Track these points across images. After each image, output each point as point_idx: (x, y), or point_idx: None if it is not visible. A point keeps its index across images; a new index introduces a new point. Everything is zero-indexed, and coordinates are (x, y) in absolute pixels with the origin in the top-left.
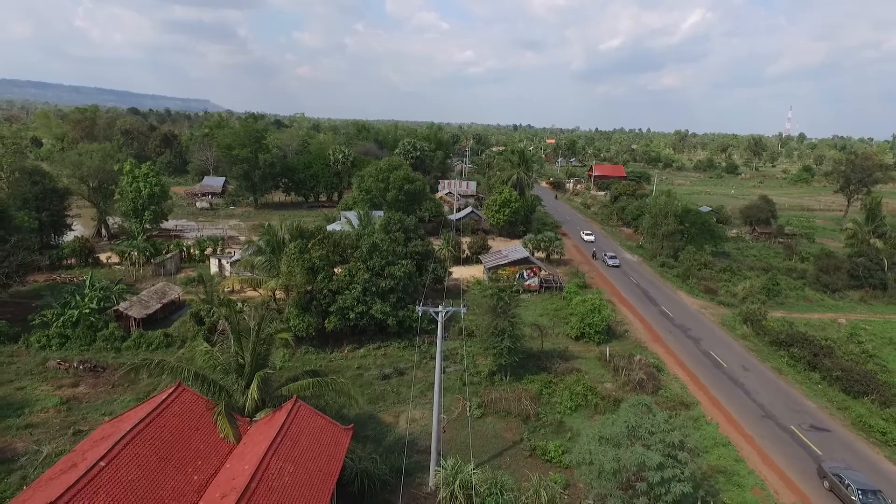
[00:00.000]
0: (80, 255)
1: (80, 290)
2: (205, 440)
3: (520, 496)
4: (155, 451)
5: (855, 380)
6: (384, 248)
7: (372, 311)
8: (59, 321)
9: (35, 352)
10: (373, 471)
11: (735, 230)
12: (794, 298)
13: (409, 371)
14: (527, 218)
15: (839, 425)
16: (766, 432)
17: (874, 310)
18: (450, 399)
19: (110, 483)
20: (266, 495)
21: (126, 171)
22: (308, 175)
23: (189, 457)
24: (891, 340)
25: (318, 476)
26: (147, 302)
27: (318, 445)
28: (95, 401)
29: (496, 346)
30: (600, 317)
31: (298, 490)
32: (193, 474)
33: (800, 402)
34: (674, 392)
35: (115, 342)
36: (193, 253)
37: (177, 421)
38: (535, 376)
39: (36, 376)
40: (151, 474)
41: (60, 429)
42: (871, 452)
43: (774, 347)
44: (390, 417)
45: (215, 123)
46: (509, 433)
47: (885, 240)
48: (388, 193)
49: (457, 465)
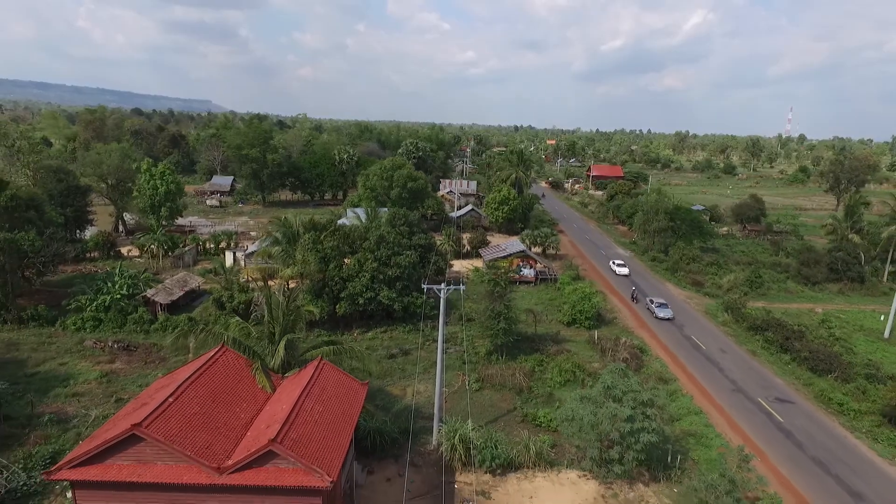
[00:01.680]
0: (102, 249)
1: (111, 278)
2: (246, 389)
3: (511, 449)
4: (208, 394)
5: (820, 359)
6: (390, 239)
7: (379, 298)
8: (92, 306)
9: (71, 333)
10: (384, 429)
11: (726, 228)
12: (776, 290)
13: (414, 351)
14: (525, 215)
15: (802, 398)
16: (735, 403)
17: (850, 301)
18: (450, 375)
19: (178, 414)
20: (302, 426)
21: (144, 170)
22: (314, 174)
23: (235, 400)
24: (861, 327)
25: (341, 416)
26: (171, 289)
27: (340, 393)
28: (131, 374)
29: (493, 327)
30: (590, 304)
31: (327, 425)
32: (240, 413)
33: (769, 379)
34: (655, 370)
35: (144, 325)
36: (209, 247)
37: (223, 374)
38: (529, 356)
39: (75, 354)
40: (208, 410)
41: (103, 397)
42: (828, 420)
43: (751, 332)
44: (397, 390)
45: (221, 124)
46: (504, 403)
47: (862, 235)
48: (391, 191)
49: (457, 424)
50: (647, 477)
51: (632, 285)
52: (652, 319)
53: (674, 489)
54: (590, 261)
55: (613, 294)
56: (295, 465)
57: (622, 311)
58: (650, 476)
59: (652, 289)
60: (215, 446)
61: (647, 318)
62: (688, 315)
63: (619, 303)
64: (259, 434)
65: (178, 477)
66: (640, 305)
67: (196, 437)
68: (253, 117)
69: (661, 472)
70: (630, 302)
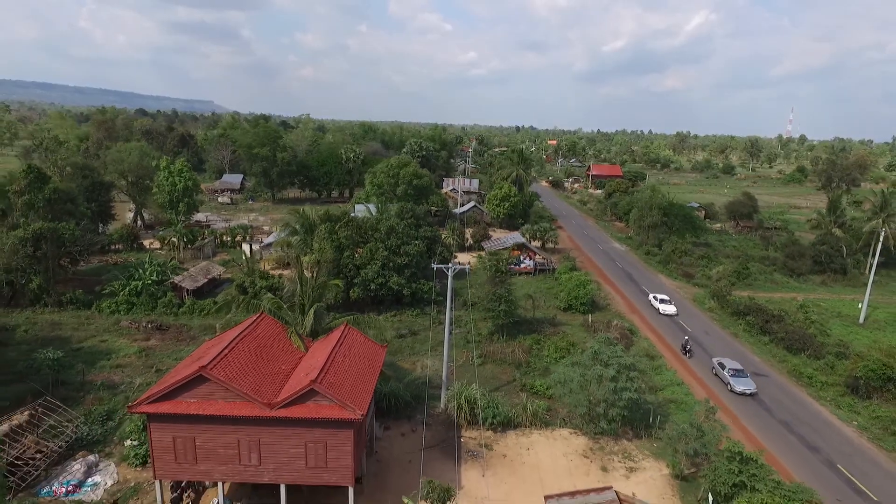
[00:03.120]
0: (126, 241)
1: (142, 266)
2: (284, 348)
3: (510, 410)
4: (254, 349)
5: (795, 340)
6: (399, 230)
7: (390, 283)
8: (125, 290)
9: (106, 315)
10: (398, 393)
11: (719, 224)
12: (763, 281)
13: (421, 332)
14: (525, 211)
15: (776, 373)
16: (714, 377)
17: (832, 291)
18: (456, 353)
19: (233, 362)
20: (335, 373)
21: (163, 167)
22: (321, 172)
23: (276, 355)
24: (839, 314)
25: (366, 369)
26: (196, 277)
27: (364, 351)
28: (165, 350)
29: (494, 309)
30: (585, 291)
31: (355, 374)
32: (281, 365)
33: (748, 357)
34: (642, 348)
35: (173, 308)
36: (226, 239)
37: (264, 335)
38: (527, 336)
39: (113, 333)
40: (255, 361)
41: (143, 368)
42: (797, 391)
43: (734, 317)
44: (408, 364)
45: (228, 124)
46: (505, 375)
47: (844, 230)
48: (398, 188)
49: (463, 386)
50: (630, 434)
51: (684, 333)
52: (642, 306)
53: (654, 444)
54: (586, 253)
55: (608, 283)
56: (331, 402)
57: (616, 298)
58: (633, 434)
59: (644, 279)
60: (264, 388)
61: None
62: (677, 302)
63: (612, 291)
64: (299, 380)
65: (236, 411)
66: (698, 362)
67: (249, 380)
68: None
69: (643, 430)
70: (681, 354)
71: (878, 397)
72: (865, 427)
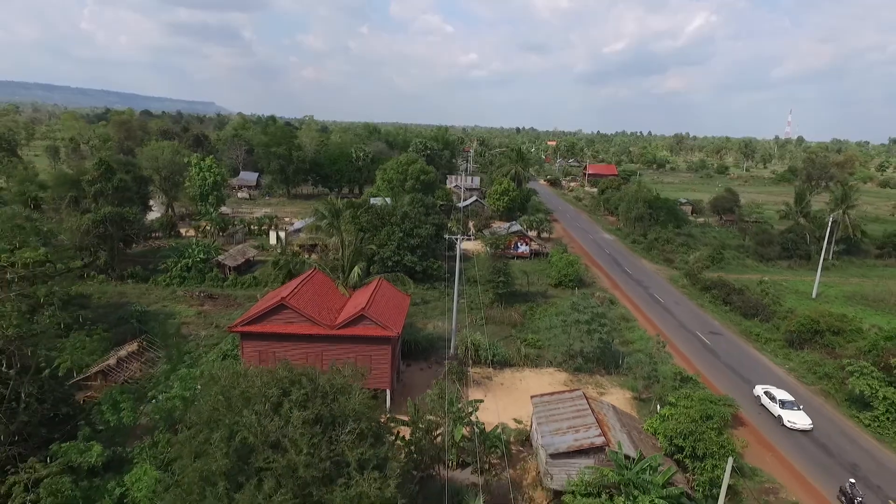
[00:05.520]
0: (165, 229)
1: (190, 246)
2: (334, 293)
3: (507, 352)
4: (313, 291)
5: (750, 307)
6: (412, 215)
7: (404, 261)
8: (177, 266)
9: (162, 287)
10: (417, 339)
11: (703, 218)
12: (735, 265)
13: (432, 301)
14: (523, 206)
15: (730, 333)
16: (678, 334)
17: (796, 273)
18: (461, 317)
19: (302, 297)
20: (376, 306)
21: (194, 163)
22: (333, 170)
23: (329, 297)
24: (797, 291)
25: (397, 308)
26: (235, 256)
27: (395, 296)
28: (218, 313)
29: (494, 280)
30: (573, 269)
31: (390, 309)
32: (333, 303)
33: (709, 321)
34: (620, 313)
35: (218, 281)
36: (253, 228)
37: (317, 283)
38: (522, 304)
39: (171, 300)
40: (316, 299)
41: (204, 325)
42: (745, 345)
43: (703, 292)
44: (420, 325)
45: (239, 125)
46: (503, 332)
47: (808, 219)
48: (406, 183)
49: (469, 333)
50: (602, 371)
51: (847, 478)
52: (624, 284)
53: (621, 378)
54: (577, 242)
55: (596, 266)
56: (375, 325)
57: (601, 277)
58: (605, 371)
59: (628, 263)
60: (325, 316)
61: (612, 272)
62: (654, 281)
63: (599, 272)
64: (350, 310)
65: (308, 331)
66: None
67: (315, 309)
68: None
69: (613, 369)
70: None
71: (808, 348)
72: (794, 369)
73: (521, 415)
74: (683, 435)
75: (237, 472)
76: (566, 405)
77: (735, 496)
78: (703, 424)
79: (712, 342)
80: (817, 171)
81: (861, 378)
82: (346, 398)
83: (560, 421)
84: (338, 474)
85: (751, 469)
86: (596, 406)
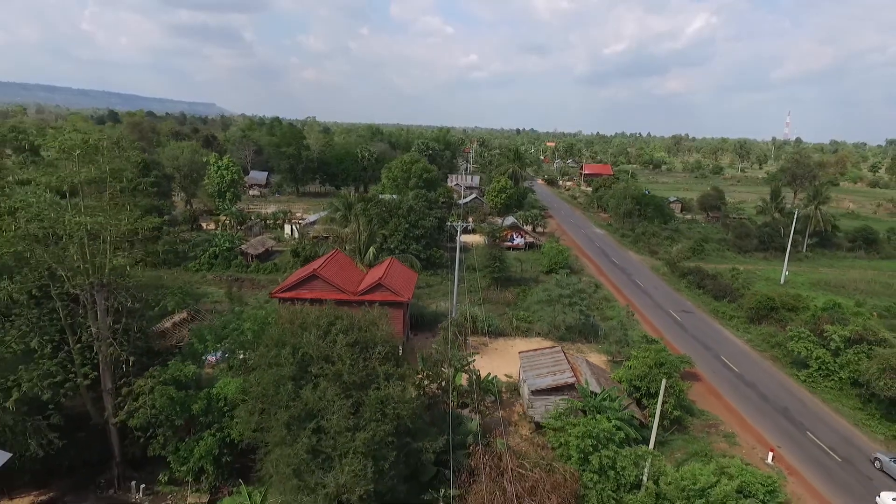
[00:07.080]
0: (188, 222)
1: (216, 237)
2: (353, 269)
3: (501, 324)
4: (337, 266)
5: (720, 290)
6: (417, 209)
7: (410, 250)
8: (206, 254)
9: (192, 272)
10: (423, 312)
11: (690, 214)
12: (715, 257)
13: (435, 285)
14: (519, 202)
15: (701, 312)
16: (652, 312)
17: (771, 264)
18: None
19: (329, 269)
20: (390, 278)
21: (212, 162)
22: (340, 169)
23: (350, 271)
24: (767, 279)
25: (407, 280)
26: (256, 246)
27: (405, 272)
28: (245, 293)
29: (491, 265)
30: (564, 257)
31: (401, 281)
32: (353, 277)
33: (682, 302)
34: (603, 296)
35: (242, 267)
36: (268, 222)
37: (339, 261)
38: (516, 287)
39: (202, 283)
40: (340, 271)
41: (234, 302)
42: (713, 322)
43: (680, 278)
44: (425, 304)
45: (247, 126)
46: (498, 310)
47: (783, 214)
48: (410, 181)
49: (467, 306)
50: (583, 340)
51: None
52: (609, 271)
53: (599, 346)
54: (570, 235)
55: (585, 256)
56: (390, 292)
57: (589, 266)
58: (585, 340)
59: (616, 254)
60: (348, 285)
61: (600, 262)
62: (637, 269)
63: (587, 261)
64: (369, 281)
65: (335, 296)
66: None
67: (340, 279)
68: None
69: (593, 339)
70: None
71: (765, 323)
72: (751, 340)
73: (512, 371)
74: (640, 377)
75: (299, 377)
76: (547, 357)
77: (686, 430)
78: (656, 369)
79: (682, 319)
80: (801, 170)
81: (799, 342)
82: (375, 328)
83: (541, 368)
84: (371, 382)
85: (699, 411)
86: (571, 359)
